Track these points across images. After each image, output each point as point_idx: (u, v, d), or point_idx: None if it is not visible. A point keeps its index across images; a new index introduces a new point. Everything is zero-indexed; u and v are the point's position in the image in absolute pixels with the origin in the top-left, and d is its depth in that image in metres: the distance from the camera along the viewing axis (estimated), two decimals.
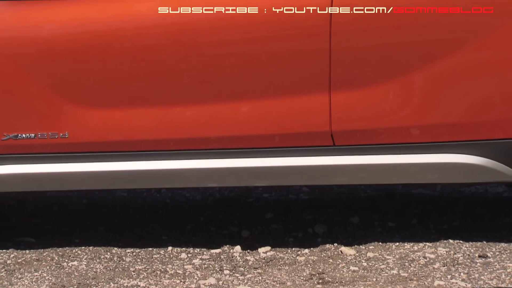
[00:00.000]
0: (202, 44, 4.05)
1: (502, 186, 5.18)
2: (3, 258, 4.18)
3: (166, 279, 3.87)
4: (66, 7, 3.96)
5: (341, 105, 4.06)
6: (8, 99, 3.97)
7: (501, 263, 4.04)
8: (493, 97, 4.08)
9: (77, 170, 4.07)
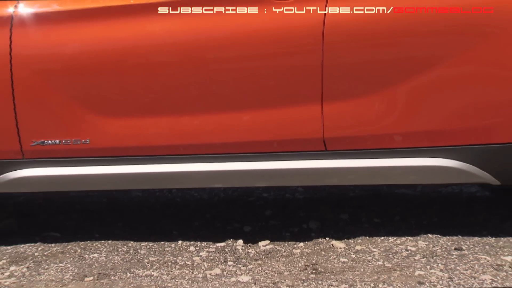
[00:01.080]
0: (209, 60, 4.05)
1: (476, 186, 5.19)
2: (32, 251, 4.20)
3: (176, 269, 3.89)
4: (87, 27, 3.97)
5: (332, 114, 4.06)
6: (36, 109, 3.98)
7: (474, 255, 4.05)
8: (466, 108, 4.08)
9: (97, 172, 4.09)
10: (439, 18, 4.04)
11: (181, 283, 3.69)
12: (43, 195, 4.77)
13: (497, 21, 4.03)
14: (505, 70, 4.04)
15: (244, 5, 4.01)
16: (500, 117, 4.08)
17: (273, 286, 3.63)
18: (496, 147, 4.10)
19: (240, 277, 3.76)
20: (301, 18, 4.01)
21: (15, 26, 3.93)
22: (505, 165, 4.13)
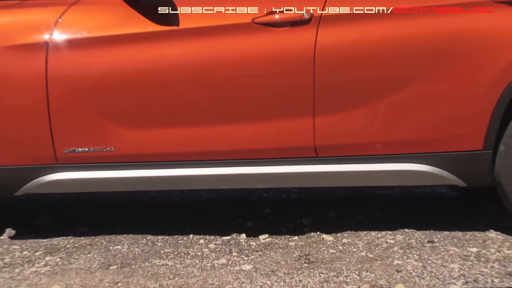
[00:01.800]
0: (216, 79, 4.05)
1: (445, 188, 5.20)
2: (64, 243, 4.21)
3: (188, 259, 3.90)
4: (112, 51, 3.96)
5: (322, 126, 4.06)
6: (68, 122, 3.97)
7: (444, 247, 4.07)
8: (437, 120, 4.08)
9: (120, 176, 4.09)
10: (414, 44, 4.04)
11: (192, 271, 3.70)
12: (73, 195, 4.77)
13: (462, 47, 4.04)
14: (469, 88, 4.04)
15: (247, 32, 4.03)
16: (465, 128, 4.08)
17: (271, 273, 3.64)
18: (462, 154, 4.10)
19: (243, 266, 3.77)
20: (295, 43, 4.02)
21: (50, 50, 3.93)
22: (470, 169, 4.13)
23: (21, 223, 4.60)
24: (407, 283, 3.50)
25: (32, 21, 4.01)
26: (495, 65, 4.03)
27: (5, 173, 4.02)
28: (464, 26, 4.05)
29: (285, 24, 4.03)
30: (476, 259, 3.86)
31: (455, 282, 3.51)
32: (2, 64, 3.93)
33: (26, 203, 5.02)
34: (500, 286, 3.21)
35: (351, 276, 3.61)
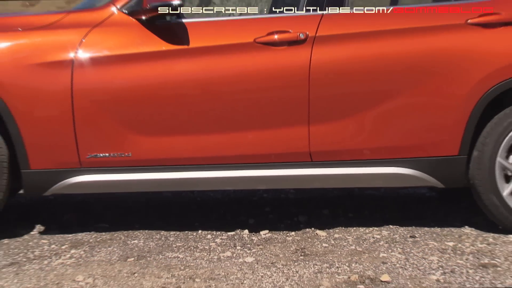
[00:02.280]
0: (222, 93, 4.07)
1: (426, 189, 5.19)
2: (87, 238, 4.21)
3: (197, 252, 3.91)
4: (129, 67, 3.98)
5: (316, 134, 4.08)
6: (91, 130, 3.98)
7: (425, 241, 4.08)
8: (418, 129, 4.11)
9: (137, 178, 4.10)
10: (397, 61, 4.08)
11: (200, 263, 3.71)
12: (95, 195, 4.76)
13: (440, 64, 4.07)
14: (446, 100, 4.07)
15: (249, 50, 4.06)
16: (443, 136, 4.10)
17: (271, 265, 3.65)
18: (440, 159, 4.12)
19: (246, 258, 3.78)
20: (292, 60, 4.04)
21: (75, 67, 3.95)
22: (447, 172, 4.15)
23: (49, 220, 4.60)
24: (391, 273, 3.51)
25: (59, 41, 4.01)
26: (469, 81, 4.06)
27: (36, 176, 4.02)
28: (442, 46, 4.08)
29: (283, 44, 4.06)
30: (452, 252, 3.87)
31: (434, 273, 3.53)
32: (34, 79, 3.94)
33: (54, 203, 5.01)
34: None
35: (342, 267, 3.62)
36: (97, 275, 3.51)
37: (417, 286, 3.36)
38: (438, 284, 3.38)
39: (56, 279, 3.47)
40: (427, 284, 3.38)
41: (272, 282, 3.41)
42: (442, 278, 3.47)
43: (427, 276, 3.50)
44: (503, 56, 4.09)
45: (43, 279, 3.47)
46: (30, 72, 3.96)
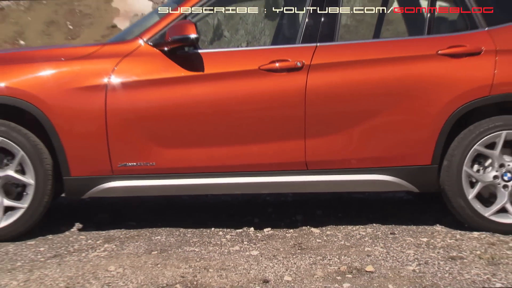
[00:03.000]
0: (231, 111, 4.08)
1: (404, 193, 5.16)
2: (118, 234, 4.22)
3: (210, 246, 3.92)
4: (153, 90, 4.01)
5: (311, 146, 4.09)
6: (121, 143, 4.01)
7: (403, 237, 4.08)
8: (397, 142, 4.12)
9: (159, 183, 4.11)
10: (379, 85, 4.09)
11: (213, 255, 3.73)
12: (125, 198, 4.77)
13: (415, 88, 4.09)
14: (420, 118, 4.08)
15: (254, 76, 4.07)
16: (418, 148, 4.11)
17: (273, 257, 3.66)
18: (416, 167, 4.13)
19: (251, 252, 3.79)
20: (291, 84, 4.07)
21: (109, 90, 3.98)
22: (421, 179, 4.16)
23: (86, 219, 4.61)
24: (375, 264, 3.52)
25: (95, 68, 4.03)
26: (439, 102, 4.07)
27: (75, 182, 4.04)
28: (416, 72, 4.10)
29: (283, 70, 4.07)
30: (426, 246, 3.88)
31: (411, 264, 3.54)
32: (74, 101, 3.97)
33: (90, 204, 5.01)
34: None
35: (333, 259, 3.62)
36: (126, 266, 3.52)
37: (396, 275, 3.36)
38: (414, 274, 3.38)
39: (92, 269, 3.48)
40: (405, 273, 3.39)
41: (274, 272, 3.42)
42: (417, 268, 3.47)
43: (404, 267, 3.50)
44: (466, 82, 4.09)
45: (81, 269, 3.48)
46: (71, 95, 3.98)
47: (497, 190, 4.14)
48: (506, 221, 4.14)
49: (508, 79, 4.11)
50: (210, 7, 4.32)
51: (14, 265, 3.60)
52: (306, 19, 4.23)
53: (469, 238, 4.07)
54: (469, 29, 4.24)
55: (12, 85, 3.97)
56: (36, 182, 4.01)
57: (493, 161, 4.13)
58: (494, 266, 3.51)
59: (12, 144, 3.97)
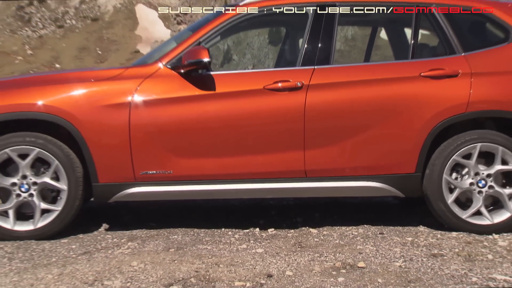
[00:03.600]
0: (239, 125, 4.08)
1: (391, 197, 5.14)
2: (140, 233, 4.22)
3: (221, 244, 3.91)
4: (170, 107, 4.02)
5: (310, 157, 4.09)
6: (142, 154, 4.02)
7: (390, 237, 4.07)
8: (385, 153, 4.13)
9: (176, 189, 4.11)
10: (370, 103, 4.10)
11: (223, 253, 3.73)
12: (146, 202, 4.76)
13: (401, 105, 4.09)
14: (406, 132, 4.09)
15: (260, 95, 4.07)
16: (404, 158, 4.11)
17: (276, 255, 3.66)
18: (402, 175, 4.14)
19: (257, 249, 3.79)
20: (292, 102, 4.08)
21: (132, 107, 3.99)
22: (407, 185, 4.17)
23: (112, 220, 4.62)
24: (366, 261, 3.51)
25: (120, 88, 4.05)
26: (422, 118, 4.08)
27: (103, 188, 4.05)
28: (402, 92, 4.11)
29: (285, 90, 4.08)
30: (411, 245, 3.87)
31: (398, 260, 3.53)
32: (102, 116, 3.99)
33: (116, 207, 5.01)
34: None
35: (329, 256, 3.62)
36: (147, 262, 3.52)
37: (385, 270, 3.36)
38: (400, 269, 3.38)
39: (117, 264, 3.49)
40: (392, 269, 3.38)
41: (277, 268, 3.42)
42: (403, 264, 3.47)
43: (392, 263, 3.50)
44: (445, 100, 4.10)
45: (108, 264, 3.49)
46: (99, 111, 4.00)
47: (472, 195, 4.14)
48: (481, 223, 4.14)
49: (482, 98, 4.12)
50: (219, 35, 4.35)
51: (50, 261, 3.61)
52: (305, 45, 4.24)
53: (449, 237, 4.06)
54: (447, 54, 4.25)
55: (48, 103, 3.98)
56: (68, 187, 4.02)
57: (469, 170, 4.13)
58: (471, 262, 3.51)
59: (48, 155, 3.98)
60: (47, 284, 3.18)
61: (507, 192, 4.13)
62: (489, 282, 3.17)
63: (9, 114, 3.98)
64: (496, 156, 4.12)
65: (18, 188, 4.00)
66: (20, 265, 3.53)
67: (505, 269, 3.38)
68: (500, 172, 4.15)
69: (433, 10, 4.32)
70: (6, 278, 3.30)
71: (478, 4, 4.38)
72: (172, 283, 3.17)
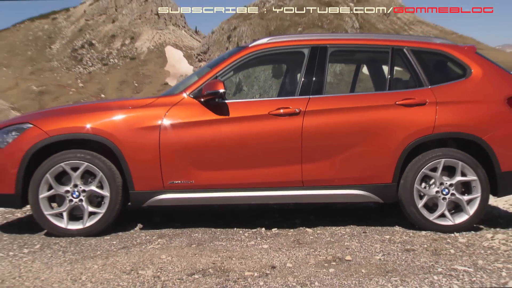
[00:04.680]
0: (247, 144, 4.07)
1: (372, 203, 5.11)
2: (167, 232, 4.21)
3: (233, 241, 3.89)
4: (192, 129, 4.02)
5: (307, 169, 4.08)
6: (169, 167, 4.01)
7: (372, 235, 4.04)
8: (368, 167, 4.11)
9: (197, 196, 4.09)
10: (355, 125, 4.10)
11: (235, 248, 3.71)
12: (173, 206, 4.75)
13: (379, 127, 4.09)
14: (384, 149, 4.08)
15: (265, 119, 4.07)
16: (383, 171, 4.10)
17: (279, 250, 3.64)
18: (381, 185, 4.13)
19: (263, 245, 3.77)
20: (292, 124, 4.08)
21: (161, 129, 4.00)
22: (385, 193, 4.15)
23: (145, 221, 4.61)
24: (352, 255, 3.50)
25: (152, 114, 4.06)
26: (397, 138, 4.08)
27: (138, 195, 4.05)
28: (380, 117, 4.11)
29: (286, 115, 4.09)
30: (389, 242, 3.84)
31: (378, 254, 3.51)
32: (137, 137, 3.99)
33: (148, 210, 5.00)
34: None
35: (322, 251, 3.60)
36: (173, 255, 3.51)
37: (367, 262, 3.34)
38: (380, 261, 3.36)
39: (149, 257, 3.48)
40: (373, 261, 3.37)
41: (279, 260, 3.40)
42: (382, 257, 3.45)
43: (373, 256, 3.48)
44: (416, 124, 4.10)
45: (142, 256, 3.49)
46: (135, 133, 4.01)
47: (438, 201, 4.13)
48: (445, 223, 4.13)
49: (445, 122, 4.12)
50: (232, 71, 4.37)
51: (95, 253, 3.62)
52: (302, 78, 4.25)
53: (419, 235, 4.03)
54: (417, 86, 4.26)
55: (95, 126, 4.01)
56: (110, 194, 4.03)
57: (435, 181, 4.13)
58: (437, 256, 3.49)
59: (95, 168, 4.01)
60: (93, 272, 3.19)
61: (465, 198, 4.12)
62: (451, 272, 3.16)
63: (64, 135, 4.01)
64: (457, 169, 4.12)
65: (70, 194, 4.03)
66: (72, 257, 3.54)
67: (464, 261, 3.37)
68: (460, 182, 4.15)
69: (405, 51, 4.35)
70: (61, 267, 3.32)
71: (441, 47, 4.42)
72: (194, 272, 3.16)
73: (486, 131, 4.10)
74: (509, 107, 4.18)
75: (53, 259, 3.51)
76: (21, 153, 3.95)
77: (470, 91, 4.23)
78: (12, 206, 4.14)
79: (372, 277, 3.05)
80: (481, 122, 4.13)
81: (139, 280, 3.04)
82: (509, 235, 4.06)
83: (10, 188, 3.96)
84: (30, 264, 3.39)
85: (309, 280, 3.02)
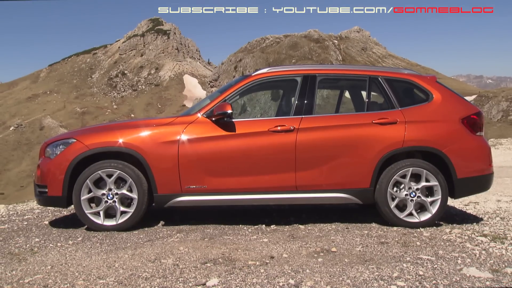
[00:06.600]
0: (251, 155, 4.06)
1: (354, 204, 5.10)
2: (185, 228, 4.18)
3: (239, 236, 3.85)
4: (204, 143, 4.01)
5: (300, 176, 4.06)
6: (186, 173, 3.97)
7: (353, 230, 4.00)
8: (349, 174, 4.08)
9: (210, 198, 4.06)
10: (339, 140, 4.09)
11: (240, 241, 3.68)
12: (189, 207, 4.72)
13: (359, 141, 4.08)
14: (363, 160, 4.08)
15: (265, 135, 4.06)
16: (362, 178, 4.09)
17: (276, 243, 3.61)
18: (361, 189, 4.11)
19: (263, 239, 3.74)
20: (287, 139, 4.07)
21: (180, 143, 4.00)
22: (364, 196, 4.12)
23: (167, 218, 4.59)
24: (337, 247, 3.47)
25: (172, 131, 4.06)
26: (374, 151, 4.08)
27: (161, 197, 4.02)
28: (360, 133, 4.11)
29: (283, 131, 4.08)
30: (367, 236, 3.81)
31: (358, 246, 3.49)
32: (161, 149, 3.98)
33: (169, 210, 4.97)
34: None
35: (312, 244, 3.58)
36: (190, 247, 3.50)
37: (349, 253, 3.32)
38: (360, 252, 3.34)
39: (170, 248, 3.47)
40: (354, 252, 3.35)
41: (277, 251, 3.38)
42: (362, 249, 3.42)
43: (354, 248, 3.45)
44: (389, 139, 4.10)
45: (164, 248, 3.48)
46: (158, 146, 4.01)
47: (407, 202, 4.13)
48: (412, 220, 4.12)
49: (412, 137, 4.12)
50: (238, 95, 4.39)
51: (126, 245, 3.61)
52: (296, 101, 4.26)
53: (391, 230, 4.01)
54: (389, 108, 4.26)
55: (126, 141, 4.02)
56: (138, 196, 4.03)
57: (405, 186, 4.12)
58: (406, 247, 3.47)
59: (125, 175, 4.02)
60: (124, 261, 3.18)
61: (429, 200, 4.13)
62: (417, 260, 3.14)
63: (102, 148, 4.03)
64: (422, 176, 4.12)
65: (106, 197, 4.04)
66: (107, 248, 3.53)
67: (428, 252, 3.36)
68: (424, 187, 4.14)
69: (379, 79, 4.37)
70: (98, 256, 3.32)
71: (409, 76, 4.45)
72: (206, 261, 3.15)
73: (445, 145, 4.11)
74: (463, 125, 4.21)
75: (92, 249, 3.51)
76: (67, 163, 3.99)
77: (432, 112, 4.24)
78: (60, 206, 4.14)
79: (353, 265, 3.04)
80: (441, 137, 4.14)
81: (162, 267, 3.03)
82: (463, 230, 4.05)
83: (58, 191, 4.00)
84: (74, 253, 3.40)
85: (301, 268, 3.00)
